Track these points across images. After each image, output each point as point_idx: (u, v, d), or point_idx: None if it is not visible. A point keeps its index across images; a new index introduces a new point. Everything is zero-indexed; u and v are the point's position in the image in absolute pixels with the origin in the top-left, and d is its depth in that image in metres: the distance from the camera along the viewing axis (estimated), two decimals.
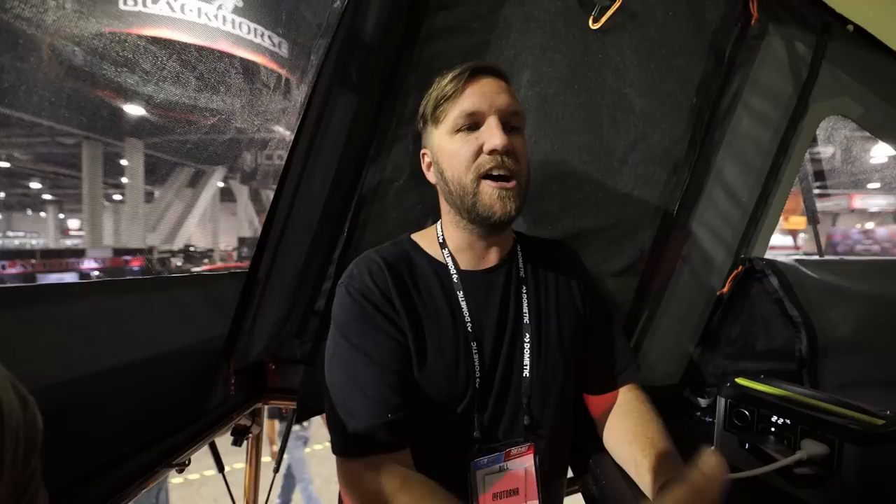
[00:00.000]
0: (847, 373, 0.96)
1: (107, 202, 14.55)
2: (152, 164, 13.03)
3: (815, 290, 0.96)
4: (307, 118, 0.87)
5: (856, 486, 0.58)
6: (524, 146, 0.68)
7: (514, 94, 0.68)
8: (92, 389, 0.63)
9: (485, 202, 0.64)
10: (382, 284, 0.67)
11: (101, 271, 10.54)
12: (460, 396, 0.66)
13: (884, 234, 14.57)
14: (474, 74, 0.66)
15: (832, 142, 1.12)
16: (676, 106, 1.00)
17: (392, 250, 0.73)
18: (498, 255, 0.73)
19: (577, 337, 0.75)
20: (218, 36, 5.64)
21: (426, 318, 0.67)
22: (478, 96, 0.65)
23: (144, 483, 0.72)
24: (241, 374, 0.98)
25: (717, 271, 1.06)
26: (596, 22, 0.97)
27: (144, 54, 3.51)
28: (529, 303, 0.72)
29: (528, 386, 0.68)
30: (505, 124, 0.65)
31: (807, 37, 0.96)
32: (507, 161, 0.64)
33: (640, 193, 1.03)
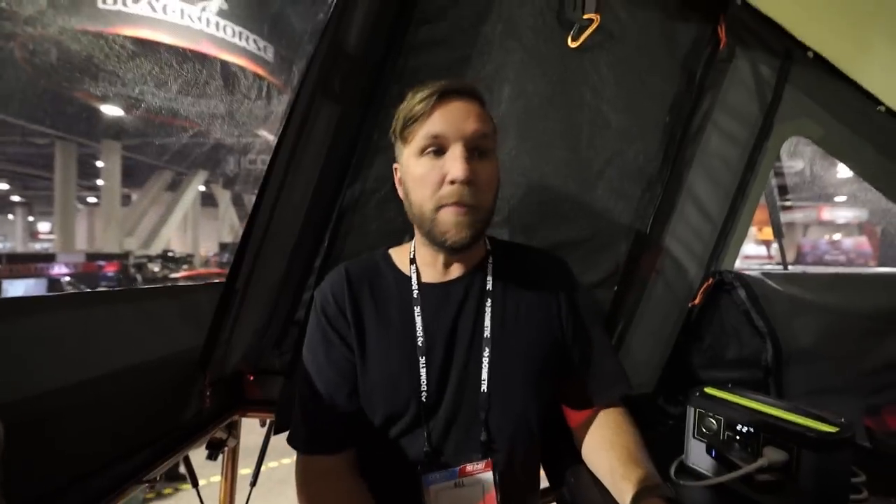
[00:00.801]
0: (810, 381, 1.00)
1: (80, 205, 14.09)
2: (130, 166, 12.71)
3: (779, 301, 1.00)
4: (289, 127, 0.88)
5: (812, 491, 0.60)
6: (492, 171, 0.67)
7: (484, 114, 0.67)
8: (59, 403, 0.61)
9: (440, 227, 0.65)
10: (339, 298, 0.71)
11: (73, 277, 10.16)
12: (405, 410, 0.66)
13: (850, 244, 15.23)
14: (444, 96, 0.64)
15: (801, 157, 1.18)
16: (651, 124, 1.04)
17: (362, 263, 0.76)
18: (462, 268, 0.73)
19: (552, 353, 0.74)
20: (201, 38, 5.56)
21: (378, 330, 0.69)
22: (446, 121, 0.64)
23: (114, 500, 0.70)
24: (218, 385, 0.96)
25: (688, 284, 1.10)
26: (574, 41, 1.00)
27: (123, 54, 3.44)
28: (493, 316, 0.71)
29: (485, 400, 0.68)
30: (472, 150, 0.64)
31: (771, 61, 1.01)
32: (468, 192, 0.63)
33: (616, 208, 1.06)
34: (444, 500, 0.65)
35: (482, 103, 0.69)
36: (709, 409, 0.75)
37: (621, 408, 0.76)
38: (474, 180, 0.64)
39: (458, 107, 0.65)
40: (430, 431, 0.67)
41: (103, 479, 0.68)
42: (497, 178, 0.69)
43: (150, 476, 0.78)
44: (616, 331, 1.10)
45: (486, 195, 0.66)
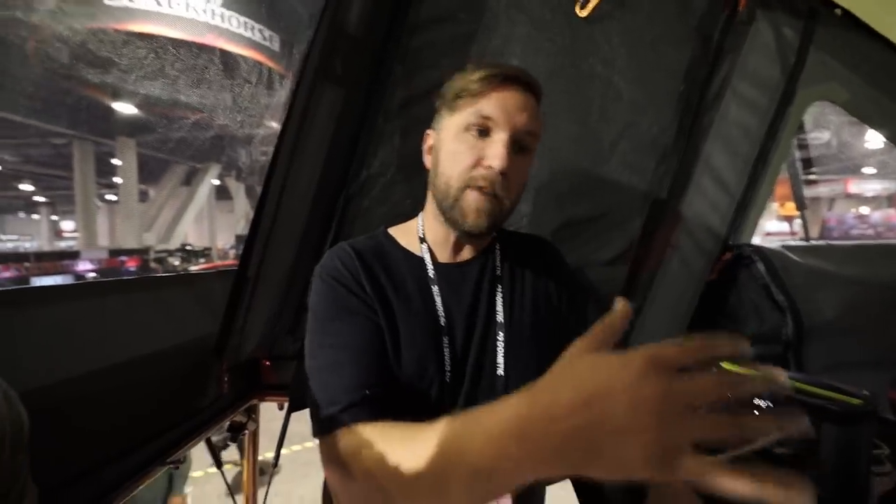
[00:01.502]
0: (832, 355, 0.97)
1: (100, 202, 14.47)
2: (145, 162, 12.94)
3: (800, 274, 0.97)
4: (292, 113, 0.87)
5: (833, 464, 0.59)
6: (526, 168, 0.68)
7: (537, 112, 0.66)
8: (85, 389, 0.63)
9: (462, 209, 0.64)
10: (353, 270, 0.67)
11: (97, 272, 10.51)
12: (430, 388, 0.66)
13: (878, 218, 14.66)
14: (506, 81, 0.63)
15: (826, 127, 1.12)
16: (664, 93, 1.00)
17: (364, 242, 0.74)
18: (474, 250, 0.73)
19: (556, 333, 0.75)
20: (207, 30, 5.57)
21: (398, 308, 0.67)
22: (501, 106, 0.63)
23: (140, 479, 0.73)
24: (235, 371, 0.99)
25: (705, 259, 1.07)
26: (583, 9, 0.96)
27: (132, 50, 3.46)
28: (504, 300, 0.71)
29: (502, 384, 0.68)
30: (515, 143, 0.64)
31: (794, 22, 0.95)
32: (500, 182, 0.63)
33: (630, 182, 1.03)
34: None
35: (538, 100, 0.67)
36: None
37: None
38: (509, 173, 0.63)
39: (516, 96, 0.64)
40: (451, 410, 0.67)
41: (130, 461, 0.71)
42: (527, 176, 0.69)
43: (175, 458, 0.81)
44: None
45: (514, 190, 0.66)
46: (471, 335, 0.69)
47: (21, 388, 0.40)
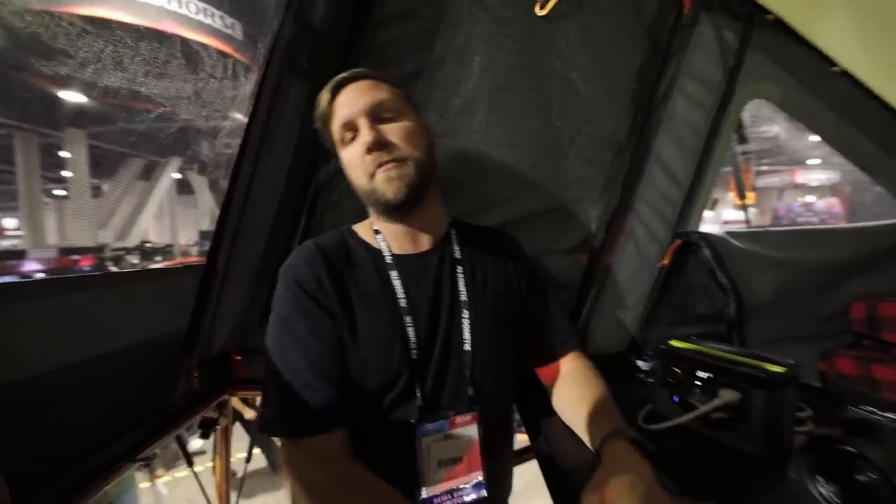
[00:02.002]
0: (770, 331, 1.07)
1: (48, 198, 13.53)
2: (98, 155, 12.18)
3: (741, 258, 1.06)
4: (259, 106, 0.87)
5: (761, 425, 0.67)
6: (405, 127, 0.71)
7: (378, 85, 0.72)
8: (51, 386, 0.63)
9: (378, 192, 0.70)
10: (316, 269, 0.70)
11: (47, 272, 9.86)
12: (399, 367, 0.70)
13: (822, 206, 15.73)
14: (339, 87, 0.71)
15: (776, 121, 1.21)
16: (619, 91, 1.06)
17: (329, 238, 0.78)
18: (431, 240, 0.78)
19: (515, 312, 0.81)
20: (162, 16, 5.28)
21: (360, 298, 0.71)
22: (346, 106, 0.70)
23: (110, 477, 0.73)
24: (205, 366, 0.98)
25: (658, 246, 1.14)
26: (542, 8, 1.00)
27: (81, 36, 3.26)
28: (466, 281, 0.77)
29: (469, 359, 0.73)
30: (377, 119, 0.70)
31: (734, 25, 1.03)
32: (384, 152, 0.68)
33: (587, 175, 1.09)
34: (435, 451, 0.70)
35: (377, 78, 0.73)
36: (673, 359, 0.80)
37: (584, 359, 0.83)
38: (385, 140, 0.69)
39: (351, 91, 0.71)
40: (423, 389, 0.71)
41: (98, 459, 0.71)
42: (417, 131, 0.72)
43: (144, 455, 0.81)
44: (590, 294, 1.14)
45: (406, 148, 0.70)
46: (436, 316, 0.74)
47: None
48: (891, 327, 0.97)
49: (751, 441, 0.69)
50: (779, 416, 0.68)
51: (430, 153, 0.74)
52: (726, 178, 1.33)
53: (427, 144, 0.74)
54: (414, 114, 0.75)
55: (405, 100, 0.75)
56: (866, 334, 1.04)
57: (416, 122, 0.73)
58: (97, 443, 0.71)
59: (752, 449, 0.68)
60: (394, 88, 0.74)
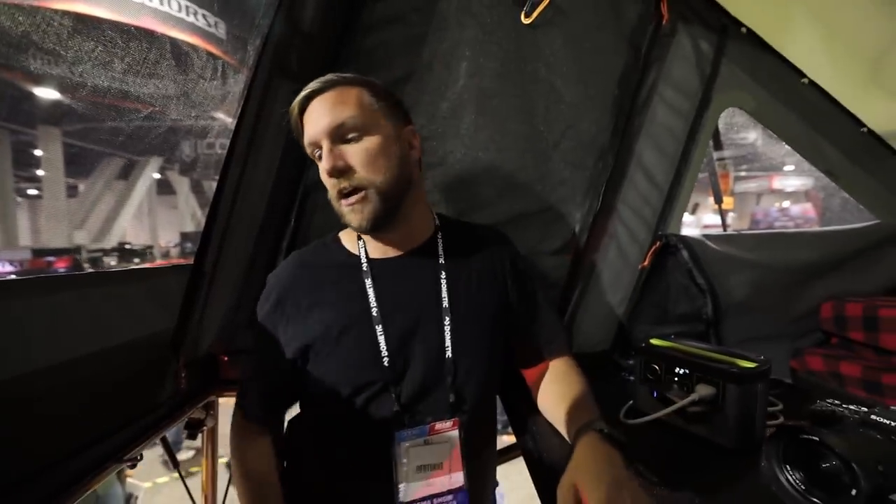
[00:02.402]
0: (745, 330, 1.12)
1: (20, 198, 13.06)
2: (74, 154, 11.82)
3: (717, 260, 1.10)
4: (248, 107, 0.87)
5: (734, 418, 0.70)
6: (367, 150, 0.68)
7: (342, 99, 0.68)
8: (37, 385, 0.62)
9: (347, 220, 0.71)
10: (290, 283, 0.77)
11: (19, 274, 9.51)
12: (370, 376, 0.71)
13: (797, 211, 16.26)
14: (307, 101, 0.70)
15: (754, 128, 1.26)
16: (601, 97, 1.09)
17: (314, 248, 0.82)
18: (411, 243, 0.78)
19: (502, 315, 0.81)
20: (142, 13, 5.18)
21: (331, 307, 0.74)
22: (310, 126, 0.69)
23: (95, 478, 0.72)
24: (192, 366, 0.98)
25: (639, 247, 1.18)
26: (528, 17, 1.03)
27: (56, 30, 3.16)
28: (449, 286, 0.76)
29: (450, 366, 0.73)
30: (340, 139, 0.68)
31: (709, 36, 1.08)
32: (344, 180, 0.68)
33: (571, 178, 1.12)
34: (415, 456, 0.71)
35: (341, 84, 0.70)
36: (653, 357, 0.84)
37: (568, 358, 0.85)
38: (344, 167, 0.67)
39: (315, 108, 0.69)
40: (399, 395, 0.72)
41: (84, 459, 0.70)
42: (382, 151, 0.69)
43: (130, 455, 0.80)
44: (574, 294, 1.18)
45: (366, 174, 0.68)
46: (413, 322, 0.74)
47: None
48: (855, 326, 1.03)
49: (725, 433, 0.72)
50: (751, 409, 0.72)
51: (401, 168, 0.70)
52: (707, 182, 1.38)
53: (398, 160, 0.70)
54: (386, 125, 0.70)
55: (374, 111, 0.70)
56: (834, 333, 1.10)
57: (382, 138, 0.69)
58: (84, 442, 0.71)
59: (726, 441, 0.72)
60: (363, 99, 0.69)
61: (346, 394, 0.72)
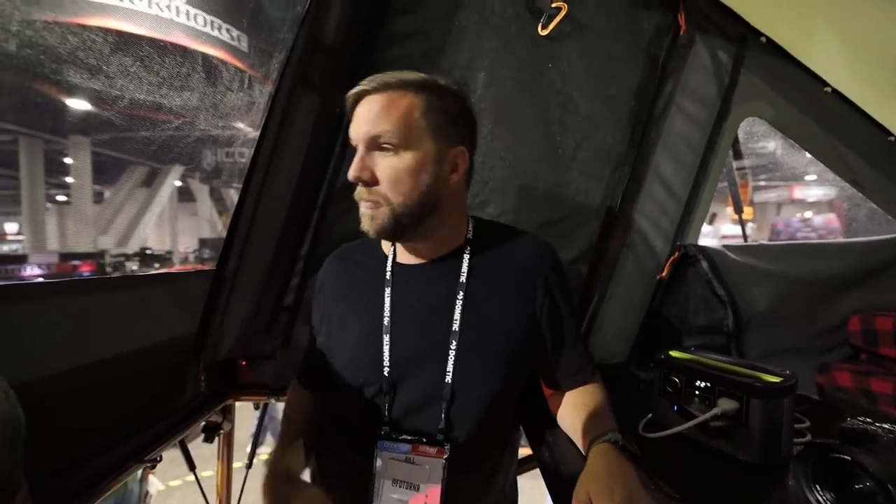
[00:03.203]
0: (767, 343, 1.09)
1: (50, 204, 13.57)
2: (101, 162, 12.26)
3: (738, 271, 1.08)
4: (271, 118, 0.90)
5: (758, 433, 0.68)
6: (394, 166, 0.66)
7: (387, 109, 0.65)
8: (63, 387, 0.64)
9: (361, 218, 0.70)
10: (328, 274, 0.81)
11: (47, 277, 9.84)
12: (367, 381, 0.71)
13: (820, 222, 15.81)
14: (356, 102, 0.69)
15: (774, 137, 1.24)
16: (617, 108, 1.10)
17: (358, 244, 0.82)
18: (437, 250, 0.74)
19: (526, 339, 0.74)
20: (171, 28, 5.39)
21: (350, 306, 0.76)
22: (354, 124, 0.69)
23: (118, 478, 0.74)
24: (212, 370, 1.00)
25: (656, 258, 1.17)
26: (544, 29, 1.05)
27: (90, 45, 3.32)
28: (465, 308, 0.71)
29: (447, 391, 0.69)
30: (376, 146, 0.66)
31: (728, 46, 1.07)
32: (364, 190, 0.67)
33: (588, 188, 1.12)
34: (394, 470, 0.69)
35: (398, 89, 0.67)
36: (672, 369, 0.82)
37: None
38: (368, 179, 0.66)
39: (363, 108, 0.68)
40: (391, 406, 0.71)
41: (108, 458, 0.72)
42: (411, 170, 0.66)
43: (152, 456, 0.82)
44: (591, 305, 1.16)
45: (387, 191, 0.66)
46: (420, 337, 0.71)
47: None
48: (887, 341, 0.99)
49: (748, 449, 0.70)
50: (776, 425, 0.70)
51: (428, 190, 0.67)
52: (725, 192, 1.36)
53: (428, 183, 0.67)
54: (427, 144, 0.66)
55: (419, 128, 0.66)
56: (863, 348, 1.06)
57: (418, 157, 0.66)
58: (110, 442, 0.73)
59: (750, 457, 0.70)
60: (412, 112, 0.66)
61: (346, 389, 0.73)
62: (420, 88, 0.67)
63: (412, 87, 0.67)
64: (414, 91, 0.67)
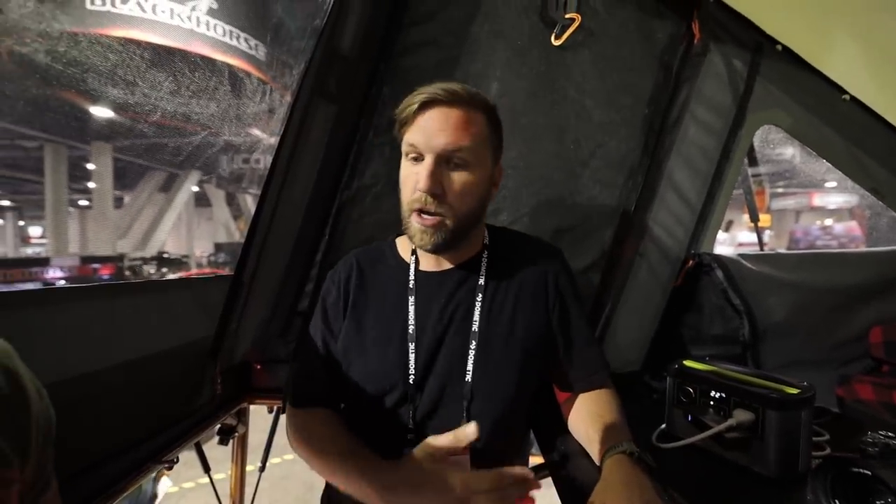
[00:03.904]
0: (784, 354, 1.07)
1: (71, 208, 13.98)
2: (121, 168, 12.61)
3: (754, 280, 1.07)
4: (289, 127, 0.93)
5: (774, 445, 0.67)
6: (466, 181, 0.67)
7: (464, 124, 0.66)
8: (88, 388, 0.66)
9: (410, 231, 0.71)
10: (343, 283, 0.79)
11: (68, 280, 10.12)
12: (392, 389, 0.71)
13: (840, 229, 15.41)
14: (425, 106, 0.66)
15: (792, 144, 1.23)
16: (631, 116, 1.10)
17: (370, 249, 0.83)
18: (457, 259, 0.77)
19: (540, 341, 0.77)
20: (192, 38, 5.54)
21: (373, 313, 0.75)
22: (421, 131, 0.66)
23: (137, 478, 0.76)
24: (228, 373, 1.02)
25: (670, 266, 1.16)
26: (557, 39, 1.06)
27: (113, 55, 3.43)
28: (483, 310, 0.74)
29: (468, 390, 0.71)
30: (444, 162, 0.66)
31: (743, 54, 1.07)
32: (432, 202, 0.66)
33: (600, 196, 1.12)
34: None
35: (469, 106, 0.67)
36: (687, 379, 0.81)
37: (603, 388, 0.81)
38: (440, 192, 0.66)
39: (436, 117, 0.66)
40: (415, 411, 0.72)
41: (128, 458, 0.74)
42: (477, 186, 0.69)
43: (169, 457, 0.84)
44: (603, 313, 1.16)
45: (456, 205, 0.68)
46: (441, 341, 0.73)
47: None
48: None
49: (765, 462, 0.69)
50: (793, 437, 0.68)
51: (480, 205, 0.71)
52: (741, 199, 1.35)
53: (481, 199, 0.71)
54: (487, 163, 0.70)
55: (486, 147, 0.69)
56: (886, 360, 1.03)
57: (481, 176, 0.69)
58: (130, 443, 0.75)
59: (766, 470, 0.69)
60: (483, 129, 0.68)
61: (369, 397, 0.73)
62: (485, 107, 0.70)
63: (480, 106, 0.69)
64: (482, 110, 0.69)
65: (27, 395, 0.39)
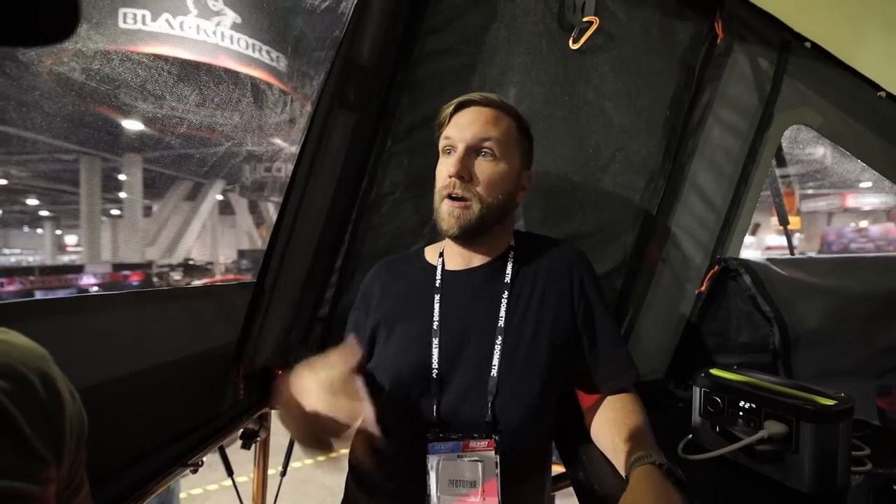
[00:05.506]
0: (818, 363, 1.02)
1: (104, 217, 14.61)
2: (150, 178, 13.12)
3: (784, 286, 1.02)
4: (310, 136, 0.95)
5: (809, 459, 0.64)
6: (494, 170, 0.74)
7: (494, 120, 0.75)
8: (112, 393, 0.68)
9: (440, 217, 0.76)
10: (374, 283, 0.85)
11: (100, 287, 10.56)
12: (416, 383, 0.74)
13: (877, 231, 14.69)
14: (460, 107, 0.76)
15: (822, 143, 1.19)
16: (652, 119, 1.08)
17: (401, 256, 0.90)
18: (484, 258, 0.81)
19: (565, 339, 0.78)
20: (217, 52, 5.75)
21: (400, 311, 0.80)
22: (456, 127, 0.75)
23: (162, 480, 0.78)
24: (250, 379, 1.04)
25: (695, 271, 1.13)
26: (575, 43, 1.05)
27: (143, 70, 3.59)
28: (509, 306, 0.76)
29: (493, 384, 0.73)
30: (474, 151, 0.74)
31: (769, 53, 1.04)
32: (460, 185, 0.73)
33: (622, 200, 1.10)
34: (447, 469, 0.70)
35: (500, 108, 0.76)
36: (714, 388, 0.78)
37: (629, 392, 0.80)
38: (468, 176, 0.73)
39: (468, 114, 0.75)
40: (440, 404, 0.73)
41: (156, 460, 0.76)
42: (504, 177, 0.75)
43: (194, 460, 0.86)
44: (626, 319, 1.13)
45: (483, 191, 0.74)
46: (466, 336, 0.76)
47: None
48: None
49: (799, 477, 0.66)
50: (830, 451, 0.65)
51: (506, 201, 0.76)
52: (769, 202, 1.30)
53: (507, 194, 0.76)
54: (515, 160, 0.77)
55: (515, 145, 0.77)
56: None
57: (508, 169, 0.76)
58: (156, 446, 0.77)
59: (801, 486, 0.65)
60: (511, 130, 0.77)
61: (393, 392, 0.75)
62: (515, 114, 0.79)
63: (511, 111, 0.79)
64: (513, 115, 0.79)
65: (62, 398, 0.40)
